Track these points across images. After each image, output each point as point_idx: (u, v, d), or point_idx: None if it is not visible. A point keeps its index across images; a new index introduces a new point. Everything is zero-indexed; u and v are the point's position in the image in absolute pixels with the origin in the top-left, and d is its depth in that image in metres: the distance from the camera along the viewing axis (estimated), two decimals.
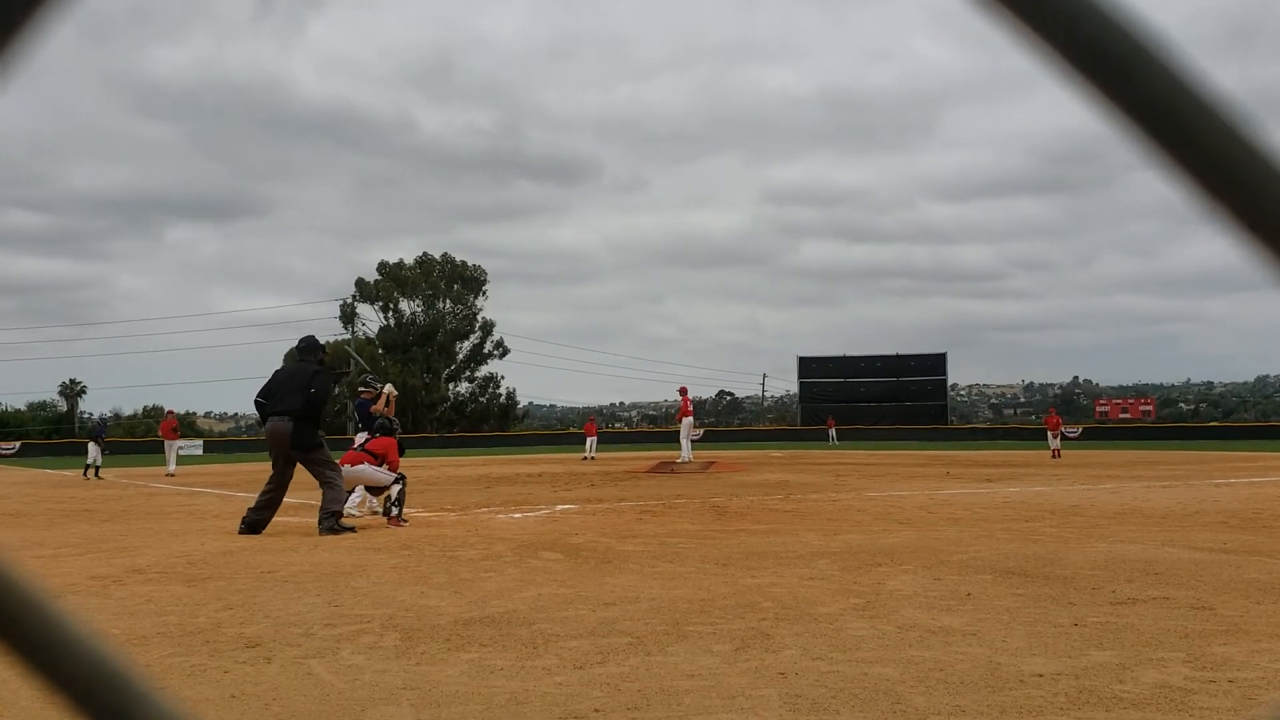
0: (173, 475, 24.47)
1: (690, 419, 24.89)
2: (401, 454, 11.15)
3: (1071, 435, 31.81)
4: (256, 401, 10.45)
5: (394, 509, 10.40)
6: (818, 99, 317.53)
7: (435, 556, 7.91)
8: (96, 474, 24.43)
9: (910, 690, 3.83)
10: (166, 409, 29.19)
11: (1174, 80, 0.34)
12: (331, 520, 9.69)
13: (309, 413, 10.12)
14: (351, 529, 9.76)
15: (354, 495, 11.07)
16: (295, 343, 11.26)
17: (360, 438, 11.80)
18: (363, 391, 13.10)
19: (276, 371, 10.57)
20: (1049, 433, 31.12)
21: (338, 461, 10.35)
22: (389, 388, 13.01)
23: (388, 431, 11.20)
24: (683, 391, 24.91)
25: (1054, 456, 28.71)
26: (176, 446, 26.64)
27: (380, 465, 10.75)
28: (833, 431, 56.72)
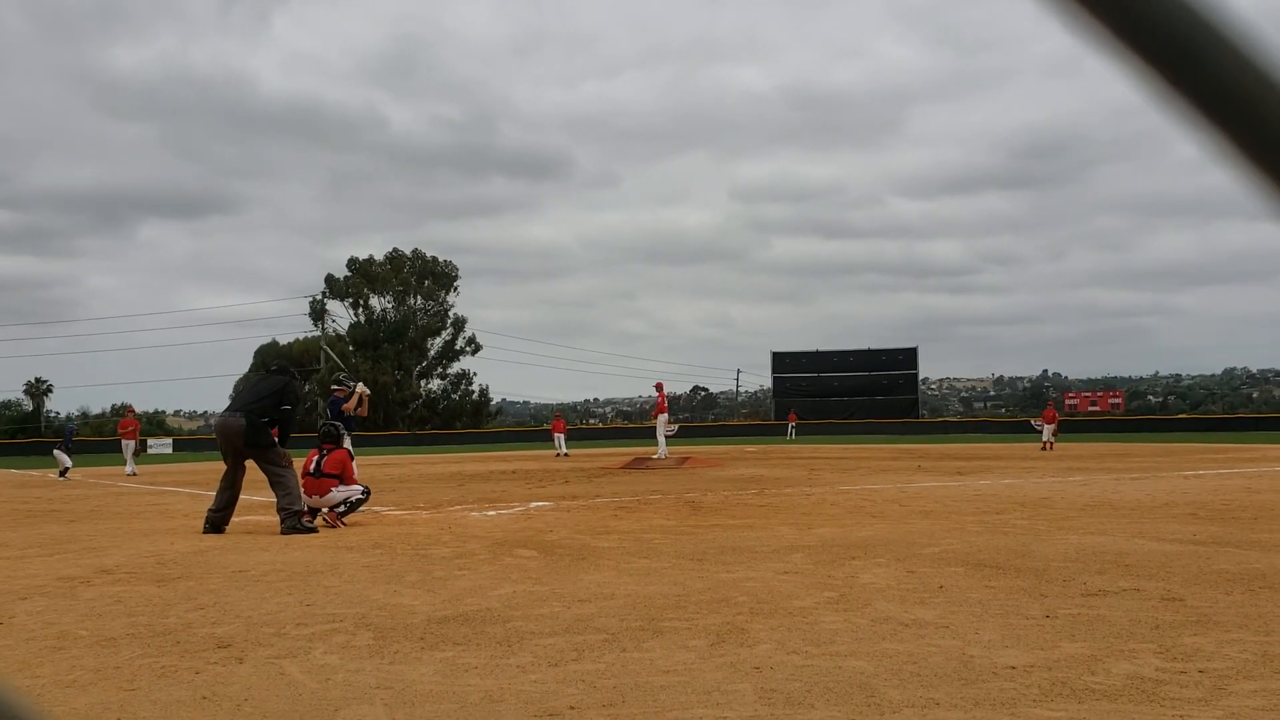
0: (134, 475, 24.09)
1: (665, 415, 25.00)
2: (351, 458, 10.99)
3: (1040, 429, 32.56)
4: None
5: (342, 508, 10.29)
6: (783, 97, 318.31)
7: (408, 555, 7.86)
8: (64, 475, 24.21)
9: (884, 683, 3.84)
10: (126, 406, 28.50)
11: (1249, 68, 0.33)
12: (294, 519, 9.59)
13: (275, 417, 10.03)
14: (314, 529, 9.67)
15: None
16: (266, 340, 11.18)
17: (312, 463, 11.11)
18: (336, 389, 13.04)
19: (244, 377, 10.51)
20: (1045, 426, 31.64)
21: (303, 493, 10.10)
22: (362, 386, 12.91)
23: (333, 438, 10.90)
24: (659, 387, 25.01)
25: (1043, 449, 29.60)
26: (132, 446, 25.97)
27: (339, 481, 10.53)
28: (792, 426, 56.72)
